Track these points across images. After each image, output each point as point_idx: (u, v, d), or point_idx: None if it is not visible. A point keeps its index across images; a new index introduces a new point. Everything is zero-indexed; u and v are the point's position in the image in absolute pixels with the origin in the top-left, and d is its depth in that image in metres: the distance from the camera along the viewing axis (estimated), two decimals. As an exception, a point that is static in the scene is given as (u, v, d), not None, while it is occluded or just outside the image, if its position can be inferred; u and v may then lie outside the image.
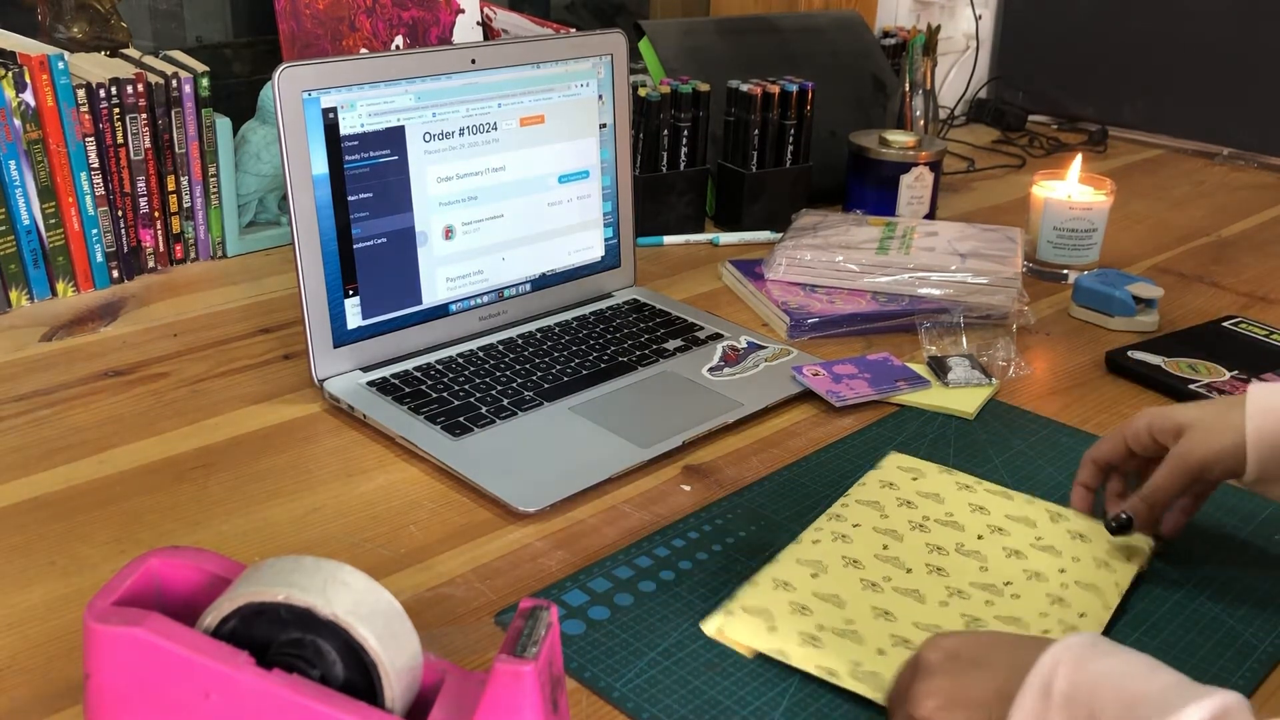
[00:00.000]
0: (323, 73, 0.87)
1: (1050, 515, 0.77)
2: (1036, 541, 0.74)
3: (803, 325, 1.06)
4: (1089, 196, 1.23)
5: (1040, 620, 0.66)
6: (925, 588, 0.69)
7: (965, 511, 0.77)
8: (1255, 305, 1.20)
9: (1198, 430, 0.69)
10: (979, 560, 0.72)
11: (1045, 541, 0.74)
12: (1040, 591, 0.69)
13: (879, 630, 0.65)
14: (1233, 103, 1.80)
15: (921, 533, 0.74)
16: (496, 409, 0.88)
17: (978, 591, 0.69)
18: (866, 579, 0.70)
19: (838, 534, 0.74)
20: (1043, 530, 0.75)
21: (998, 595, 0.69)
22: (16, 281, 1.06)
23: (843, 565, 0.71)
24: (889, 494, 0.79)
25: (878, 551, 0.72)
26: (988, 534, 0.74)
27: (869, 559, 0.71)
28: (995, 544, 0.73)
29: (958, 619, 0.66)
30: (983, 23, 1.98)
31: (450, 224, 0.97)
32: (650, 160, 1.31)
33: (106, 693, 0.49)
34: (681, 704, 0.61)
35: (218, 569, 0.53)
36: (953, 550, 0.73)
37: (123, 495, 0.78)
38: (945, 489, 0.80)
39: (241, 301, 1.11)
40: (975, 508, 0.77)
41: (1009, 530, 0.75)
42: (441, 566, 0.72)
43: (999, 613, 0.67)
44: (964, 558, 0.72)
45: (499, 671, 0.48)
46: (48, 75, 1.03)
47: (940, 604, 0.68)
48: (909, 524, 0.75)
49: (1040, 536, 0.74)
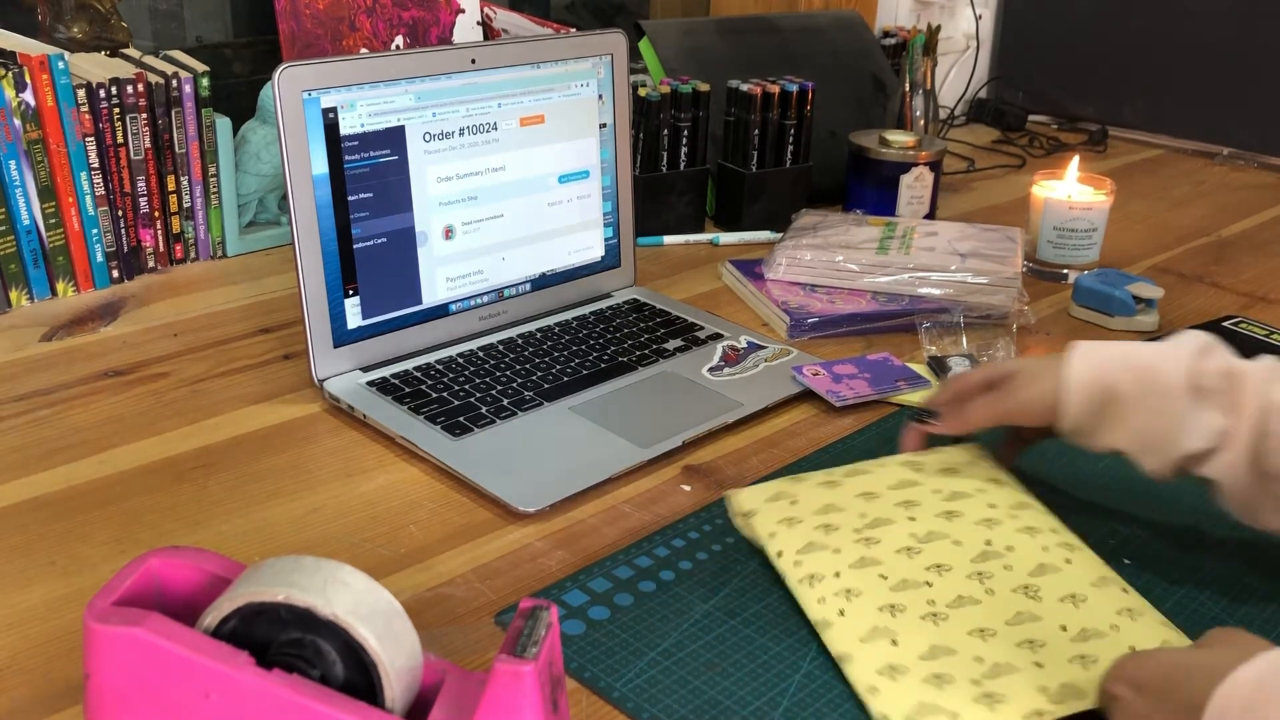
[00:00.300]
0: (323, 73, 0.87)
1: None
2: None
3: (803, 325, 1.06)
4: (1089, 196, 1.23)
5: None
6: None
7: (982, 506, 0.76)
8: (1255, 305, 1.20)
9: (1022, 376, 0.75)
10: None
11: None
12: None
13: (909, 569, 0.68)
14: (1233, 103, 1.80)
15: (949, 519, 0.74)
16: (496, 409, 0.88)
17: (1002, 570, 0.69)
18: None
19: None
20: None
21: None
22: (16, 281, 1.06)
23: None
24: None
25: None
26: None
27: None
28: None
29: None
30: (983, 23, 1.98)
31: (450, 224, 0.97)
32: (650, 160, 1.31)
33: (106, 693, 0.49)
34: (681, 704, 0.61)
35: (218, 569, 0.53)
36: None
37: (123, 495, 0.78)
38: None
39: (241, 301, 1.11)
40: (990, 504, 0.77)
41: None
42: (441, 566, 0.72)
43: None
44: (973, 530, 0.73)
45: (499, 671, 0.48)
46: (48, 75, 1.03)
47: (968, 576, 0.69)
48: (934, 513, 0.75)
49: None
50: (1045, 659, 0.62)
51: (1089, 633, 0.64)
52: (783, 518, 0.73)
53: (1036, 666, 0.61)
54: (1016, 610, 0.66)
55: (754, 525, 0.73)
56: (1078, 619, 0.65)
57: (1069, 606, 0.66)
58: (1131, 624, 0.65)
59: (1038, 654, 0.62)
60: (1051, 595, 0.67)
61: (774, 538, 0.71)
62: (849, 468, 0.79)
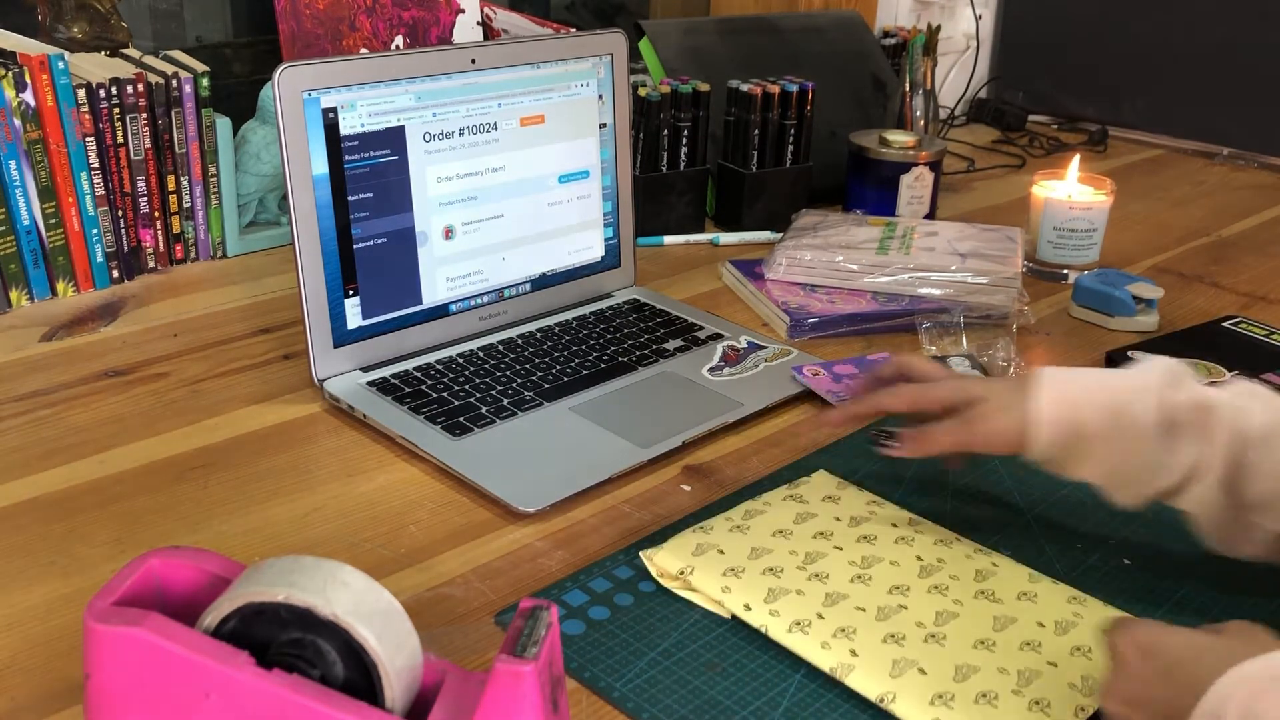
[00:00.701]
0: (323, 73, 0.87)
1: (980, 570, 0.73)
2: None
3: (803, 325, 1.06)
4: (1089, 196, 1.23)
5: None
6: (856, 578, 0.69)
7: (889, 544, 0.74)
8: (1255, 305, 1.20)
9: (988, 405, 0.72)
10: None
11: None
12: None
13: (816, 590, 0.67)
14: (1233, 103, 1.80)
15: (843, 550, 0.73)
16: (496, 409, 0.88)
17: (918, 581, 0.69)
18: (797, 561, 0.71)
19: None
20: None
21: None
22: (16, 281, 1.06)
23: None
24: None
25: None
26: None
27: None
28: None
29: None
30: (983, 23, 1.98)
31: (450, 224, 0.97)
32: (650, 160, 1.31)
33: (106, 693, 0.49)
34: (681, 704, 0.61)
35: (218, 569, 0.53)
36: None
37: (123, 495, 0.78)
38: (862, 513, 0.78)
39: (241, 301, 1.11)
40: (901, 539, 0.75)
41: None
42: (441, 566, 0.72)
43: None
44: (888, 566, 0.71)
45: (499, 671, 0.48)
46: (48, 75, 1.03)
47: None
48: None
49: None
50: (1053, 657, 0.63)
51: (1063, 625, 0.66)
52: (724, 569, 0.69)
53: (1051, 666, 0.63)
54: (992, 615, 0.67)
55: (696, 583, 0.68)
56: (1044, 613, 0.67)
57: (1029, 604, 0.68)
58: (1083, 608, 0.68)
59: (1043, 653, 0.64)
60: (1008, 596, 0.68)
61: (730, 593, 0.67)
62: (742, 508, 0.76)
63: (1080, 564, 0.74)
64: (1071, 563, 0.74)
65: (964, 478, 0.83)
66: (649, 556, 0.71)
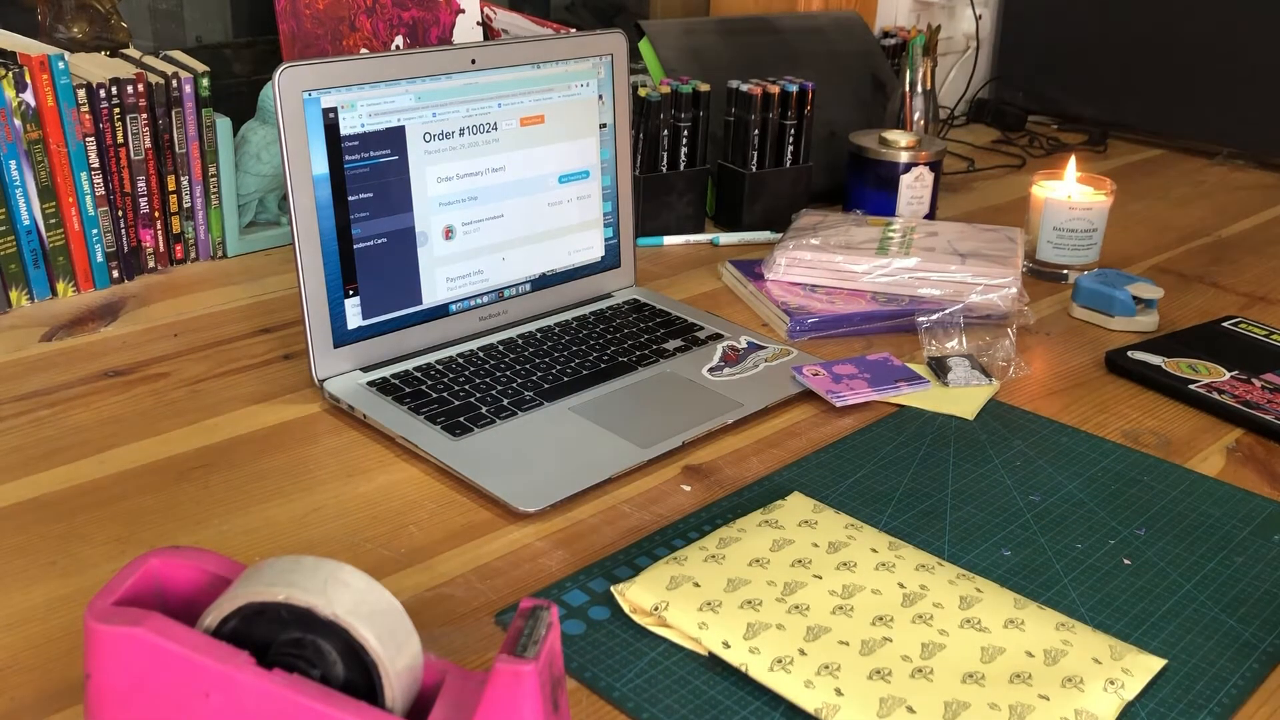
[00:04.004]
0: (323, 73, 0.87)
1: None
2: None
3: (803, 325, 1.07)
4: (1089, 196, 1.23)
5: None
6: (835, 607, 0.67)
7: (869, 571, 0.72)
8: (1255, 305, 1.20)
9: None
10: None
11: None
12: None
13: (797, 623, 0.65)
14: (1233, 103, 1.80)
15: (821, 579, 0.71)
16: (496, 409, 0.88)
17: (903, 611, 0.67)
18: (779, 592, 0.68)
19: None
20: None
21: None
22: (16, 281, 1.06)
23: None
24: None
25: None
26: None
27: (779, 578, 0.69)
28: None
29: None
30: (983, 23, 1.98)
31: (450, 224, 0.97)
32: (650, 160, 1.31)
33: (106, 693, 0.49)
34: (681, 704, 0.61)
35: (218, 569, 0.53)
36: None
37: (123, 495, 0.78)
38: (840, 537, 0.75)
39: (241, 301, 1.11)
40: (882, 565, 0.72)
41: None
42: (441, 566, 0.72)
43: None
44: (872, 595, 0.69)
45: (499, 671, 0.48)
46: (48, 75, 1.03)
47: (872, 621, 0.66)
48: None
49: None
50: (1044, 690, 0.61)
51: (1053, 654, 0.64)
52: (700, 603, 0.66)
53: (1044, 700, 0.60)
54: (980, 646, 0.64)
55: (672, 619, 0.65)
56: (1032, 642, 0.65)
57: (1017, 632, 0.66)
58: (1072, 634, 0.65)
59: (1034, 686, 0.61)
60: (995, 624, 0.66)
61: (707, 629, 0.64)
62: (716, 535, 0.73)
63: (1080, 564, 0.74)
64: (1071, 563, 0.74)
65: (963, 478, 0.83)
66: (620, 592, 0.67)
